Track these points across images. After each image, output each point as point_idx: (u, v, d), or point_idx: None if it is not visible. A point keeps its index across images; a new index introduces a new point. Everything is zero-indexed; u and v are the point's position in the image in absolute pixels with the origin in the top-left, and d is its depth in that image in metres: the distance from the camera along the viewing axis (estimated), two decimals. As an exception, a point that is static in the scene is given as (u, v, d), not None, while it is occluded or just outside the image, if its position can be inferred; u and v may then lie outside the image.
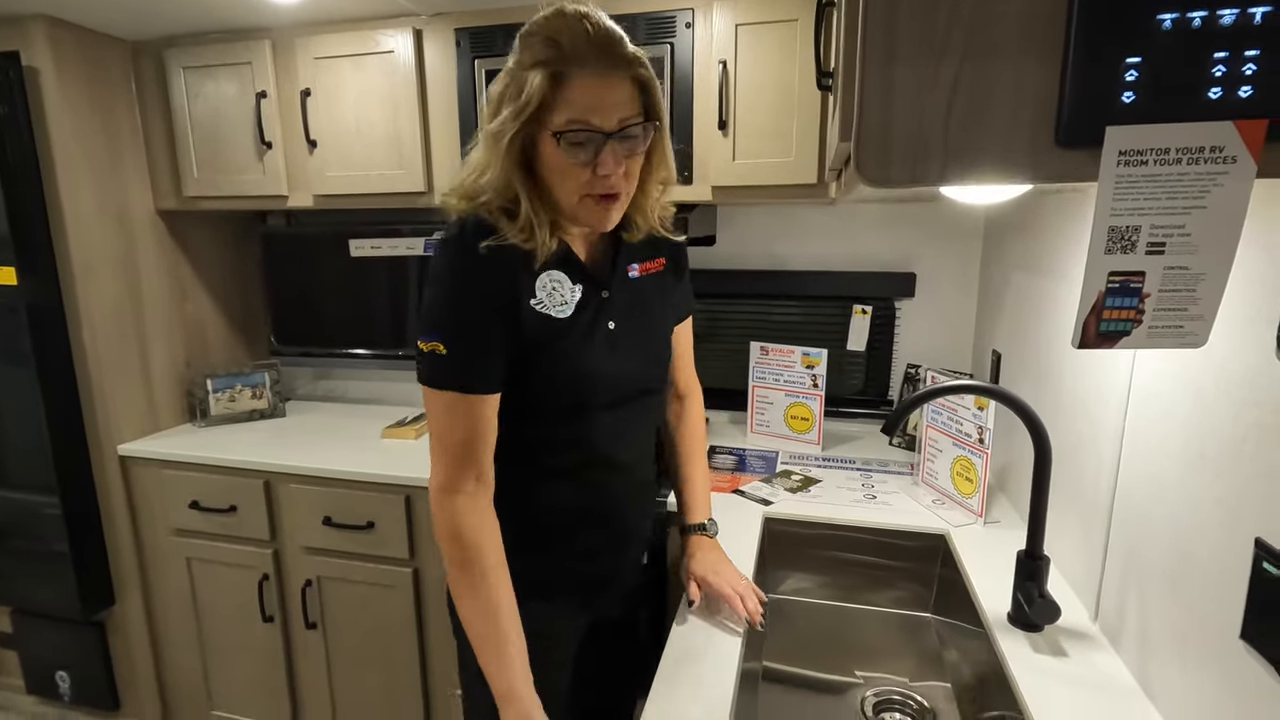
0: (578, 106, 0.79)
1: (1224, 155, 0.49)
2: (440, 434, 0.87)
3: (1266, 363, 0.64)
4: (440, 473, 0.88)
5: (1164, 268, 0.52)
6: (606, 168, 0.82)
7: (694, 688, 0.89)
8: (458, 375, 0.85)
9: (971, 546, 1.25)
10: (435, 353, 0.85)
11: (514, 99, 0.80)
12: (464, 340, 0.85)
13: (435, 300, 0.86)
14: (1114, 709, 0.84)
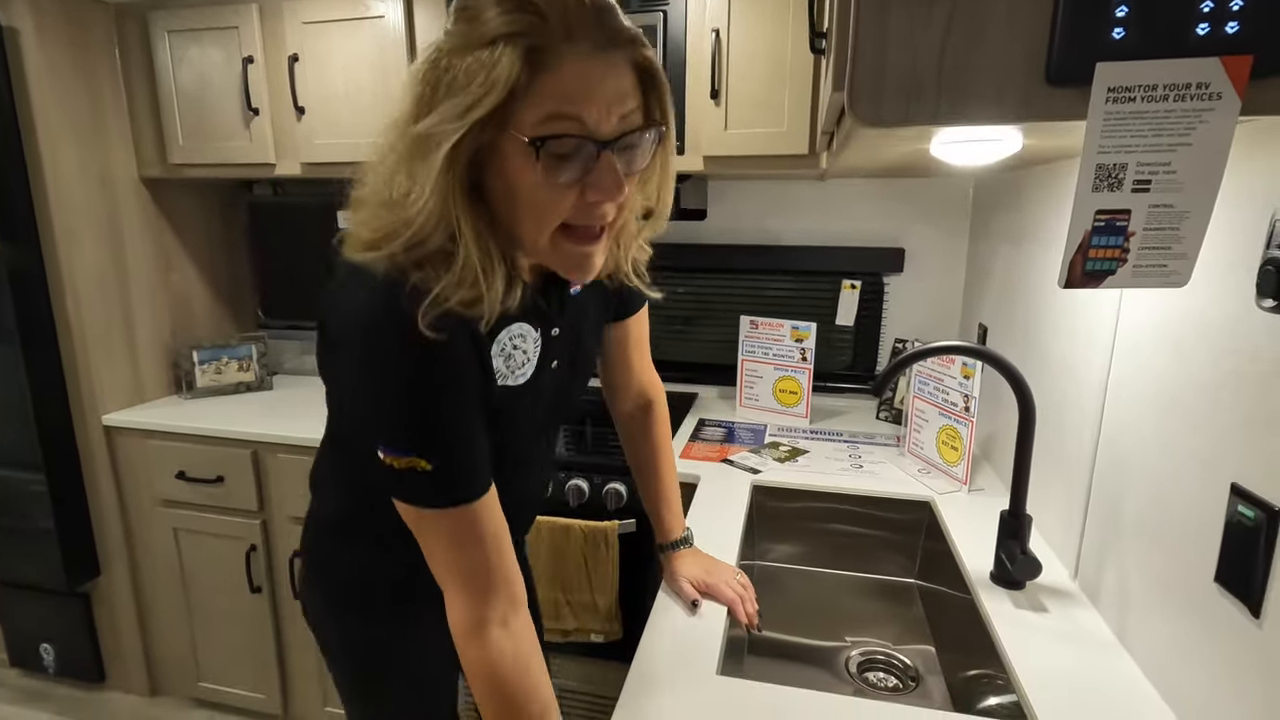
0: (564, 99, 0.57)
1: (1210, 92, 0.49)
2: (448, 562, 0.69)
3: (1245, 311, 0.66)
4: (461, 609, 0.69)
5: (1149, 206, 0.53)
6: (602, 190, 0.60)
7: (679, 655, 0.90)
8: (450, 489, 0.66)
9: (956, 512, 1.27)
10: (415, 470, 0.65)
11: (461, 87, 0.56)
12: (449, 449, 0.65)
13: (386, 402, 0.64)
14: (1091, 660, 0.86)
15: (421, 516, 0.67)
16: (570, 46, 0.57)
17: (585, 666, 1.62)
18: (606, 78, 0.58)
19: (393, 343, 0.62)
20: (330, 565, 0.90)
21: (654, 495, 1.09)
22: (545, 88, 0.57)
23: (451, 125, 0.57)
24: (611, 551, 1.48)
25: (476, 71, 0.56)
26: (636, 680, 0.82)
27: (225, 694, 1.93)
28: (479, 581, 0.69)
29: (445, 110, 0.57)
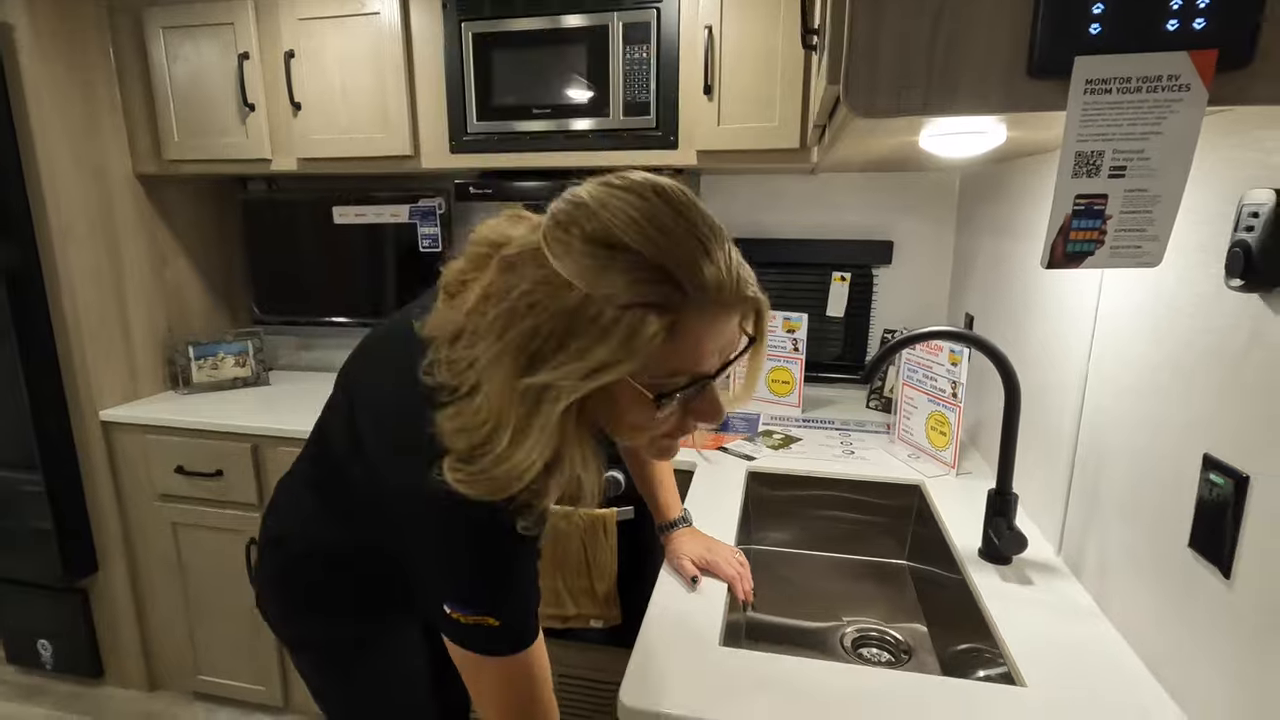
0: (689, 361, 0.58)
1: (1179, 83, 0.53)
2: (500, 702, 0.70)
3: (1215, 291, 0.70)
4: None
5: (1125, 190, 0.57)
6: (705, 417, 0.64)
7: (682, 629, 0.93)
8: (516, 638, 0.68)
9: (945, 494, 1.31)
10: (484, 627, 0.66)
11: (590, 345, 0.54)
12: (514, 603, 0.68)
13: (474, 579, 0.66)
14: (1074, 628, 0.90)
15: (482, 663, 0.68)
16: (704, 313, 0.56)
17: (585, 653, 1.65)
18: (727, 330, 0.60)
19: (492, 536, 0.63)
20: (298, 589, 0.91)
21: (648, 479, 1.13)
22: (675, 352, 0.56)
23: (573, 383, 0.54)
24: (610, 538, 1.51)
25: (608, 333, 0.53)
26: (642, 653, 0.85)
27: (225, 686, 1.95)
28: (528, 715, 0.71)
29: (568, 367, 0.54)
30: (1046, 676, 0.80)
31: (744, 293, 0.59)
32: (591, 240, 0.55)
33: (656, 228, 0.55)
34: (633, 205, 0.56)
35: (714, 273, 0.56)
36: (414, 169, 1.74)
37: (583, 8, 1.55)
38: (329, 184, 2.09)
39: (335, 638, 0.92)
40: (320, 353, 2.32)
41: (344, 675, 0.93)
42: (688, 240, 0.56)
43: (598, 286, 0.53)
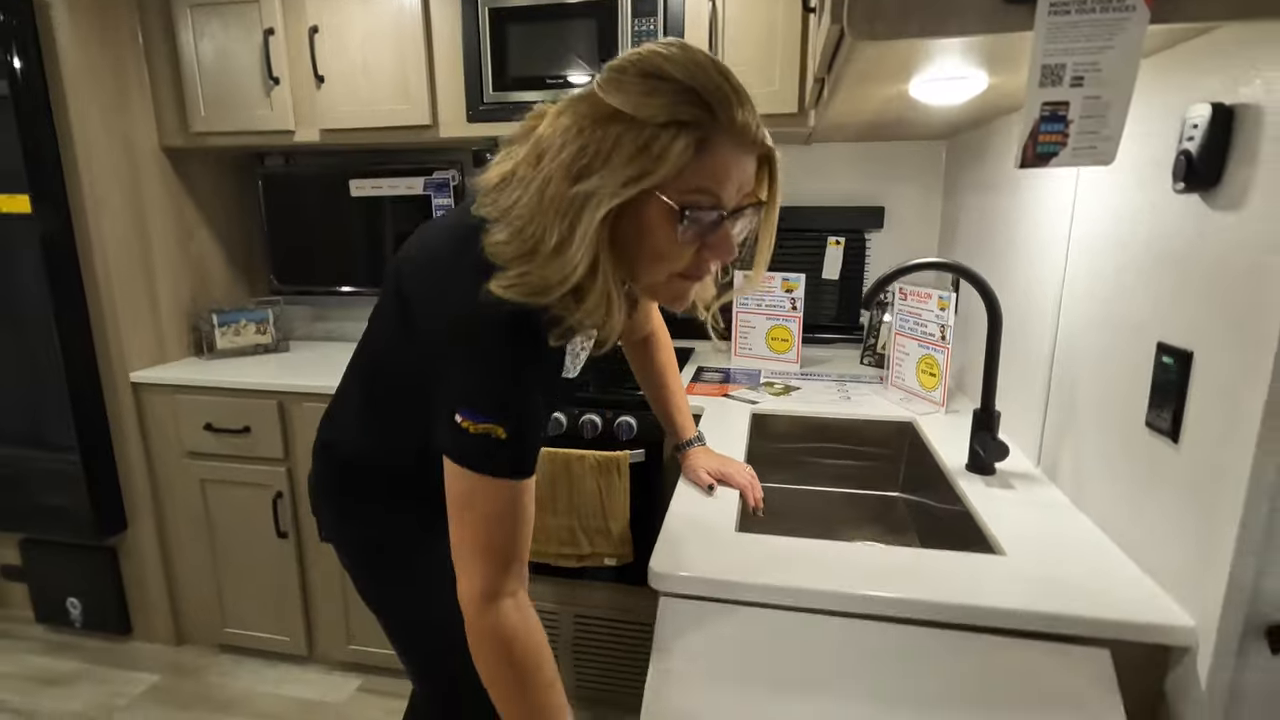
0: (712, 180, 0.68)
1: (1126, 4, 0.64)
2: (487, 531, 0.74)
3: (1165, 197, 0.81)
4: (480, 578, 0.74)
5: (1083, 97, 0.68)
6: (718, 251, 0.72)
7: (701, 523, 1.04)
8: (515, 462, 0.73)
9: (935, 428, 1.43)
10: (491, 436, 0.71)
11: (629, 158, 0.65)
12: (525, 424, 0.73)
13: (493, 379, 0.72)
14: (1048, 516, 1.01)
15: (476, 484, 0.72)
16: (728, 139, 0.68)
17: (600, 591, 1.75)
18: (745, 167, 0.71)
19: (520, 340, 0.70)
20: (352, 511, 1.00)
21: (665, 404, 1.24)
22: (701, 169, 0.67)
23: (613, 189, 0.65)
24: (623, 479, 1.62)
25: (648, 146, 0.64)
26: (667, 542, 0.95)
27: (251, 638, 2.03)
28: (504, 555, 0.74)
29: (609, 176, 0.65)
30: (1023, 550, 0.92)
31: (764, 140, 0.72)
32: (642, 73, 0.67)
33: (698, 66, 0.67)
34: (681, 50, 0.68)
35: (742, 115, 0.68)
36: (433, 139, 1.84)
37: (594, -17, 1.65)
38: (345, 158, 2.18)
39: (379, 538, 1.00)
40: (335, 323, 2.41)
41: (386, 576, 1.01)
42: (723, 84, 0.68)
43: (642, 110, 0.65)
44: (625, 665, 1.76)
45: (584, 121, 0.67)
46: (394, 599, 1.02)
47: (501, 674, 0.75)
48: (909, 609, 0.80)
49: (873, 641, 0.81)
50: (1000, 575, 0.85)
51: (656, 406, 1.26)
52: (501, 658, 0.74)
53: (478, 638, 0.75)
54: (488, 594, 0.74)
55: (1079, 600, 0.79)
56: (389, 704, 1.87)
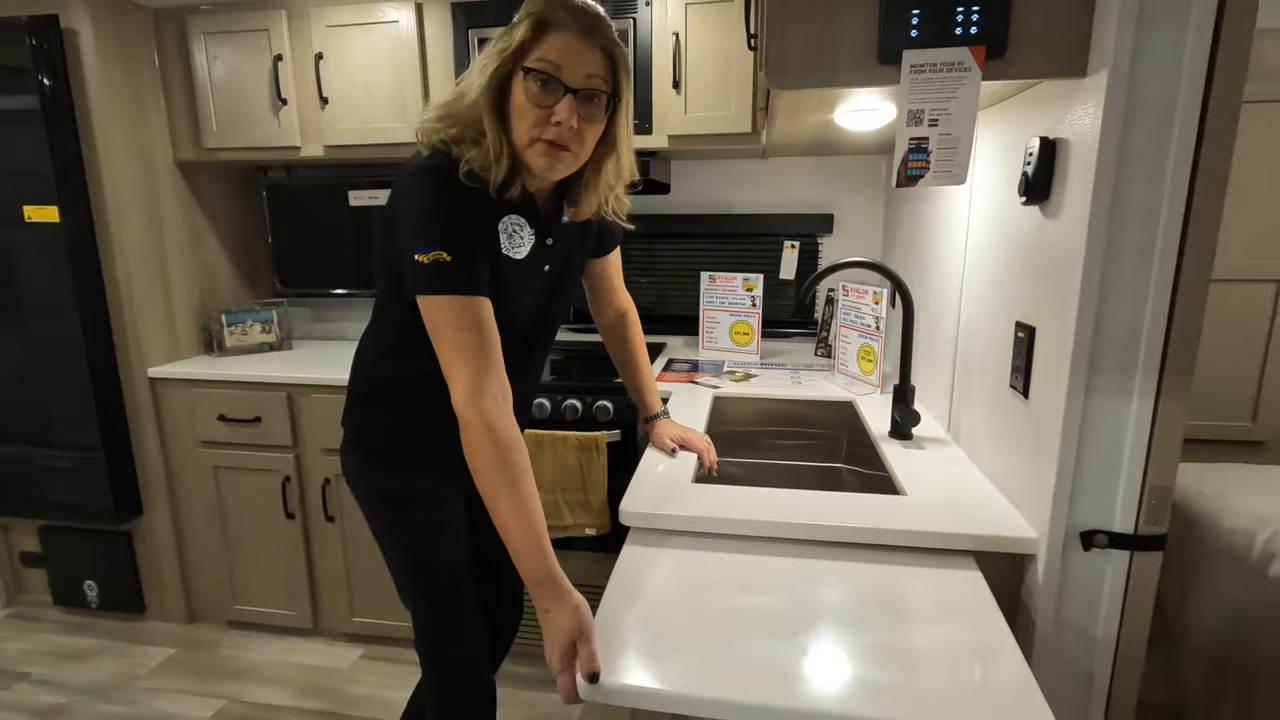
0: (551, 54, 0.90)
1: (964, 67, 0.87)
2: (457, 342, 0.91)
3: (1017, 209, 1.04)
4: (466, 378, 0.90)
5: (939, 134, 0.90)
6: (560, 115, 0.91)
7: (665, 477, 1.25)
8: (465, 281, 0.91)
9: (870, 406, 1.65)
10: (439, 261, 0.89)
11: (498, 40, 0.93)
12: (464, 247, 0.91)
13: (428, 214, 0.91)
14: (945, 467, 1.24)
15: (440, 304, 0.90)
16: (562, 28, 0.90)
17: (581, 562, 1.95)
18: (582, 51, 0.91)
19: (437, 177, 0.93)
20: (366, 427, 1.15)
21: (636, 381, 1.45)
22: (542, 46, 0.90)
23: (493, 59, 0.92)
24: (601, 457, 1.82)
25: (510, 31, 0.92)
26: (635, 490, 1.16)
27: (259, 614, 2.20)
28: (480, 360, 0.91)
29: (492, 50, 0.93)
30: (920, 491, 1.14)
31: (600, 32, 0.93)
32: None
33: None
34: None
35: (575, 11, 0.91)
36: (427, 154, 2.03)
37: (571, 18, 1.86)
38: (342, 170, 2.37)
39: (397, 490, 1.16)
40: (334, 324, 2.59)
41: (403, 525, 1.17)
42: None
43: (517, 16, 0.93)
44: (605, 626, 1.96)
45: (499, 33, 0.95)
46: (396, 542, 1.18)
47: (488, 459, 0.89)
48: (824, 533, 1.02)
49: (791, 568, 1.02)
50: (897, 508, 1.07)
51: (631, 383, 1.46)
52: (487, 442, 0.89)
53: (466, 427, 0.90)
54: (473, 391, 0.90)
55: (954, 522, 1.01)
56: (388, 668, 2.05)
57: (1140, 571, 0.92)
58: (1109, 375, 0.88)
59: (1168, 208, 0.82)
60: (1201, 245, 0.83)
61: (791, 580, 0.95)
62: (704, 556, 1.03)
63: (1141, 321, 0.86)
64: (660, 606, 0.89)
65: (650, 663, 0.78)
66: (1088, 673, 0.96)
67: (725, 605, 0.89)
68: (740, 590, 0.93)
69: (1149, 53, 0.79)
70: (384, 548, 1.21)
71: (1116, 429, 0.89)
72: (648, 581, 0.95)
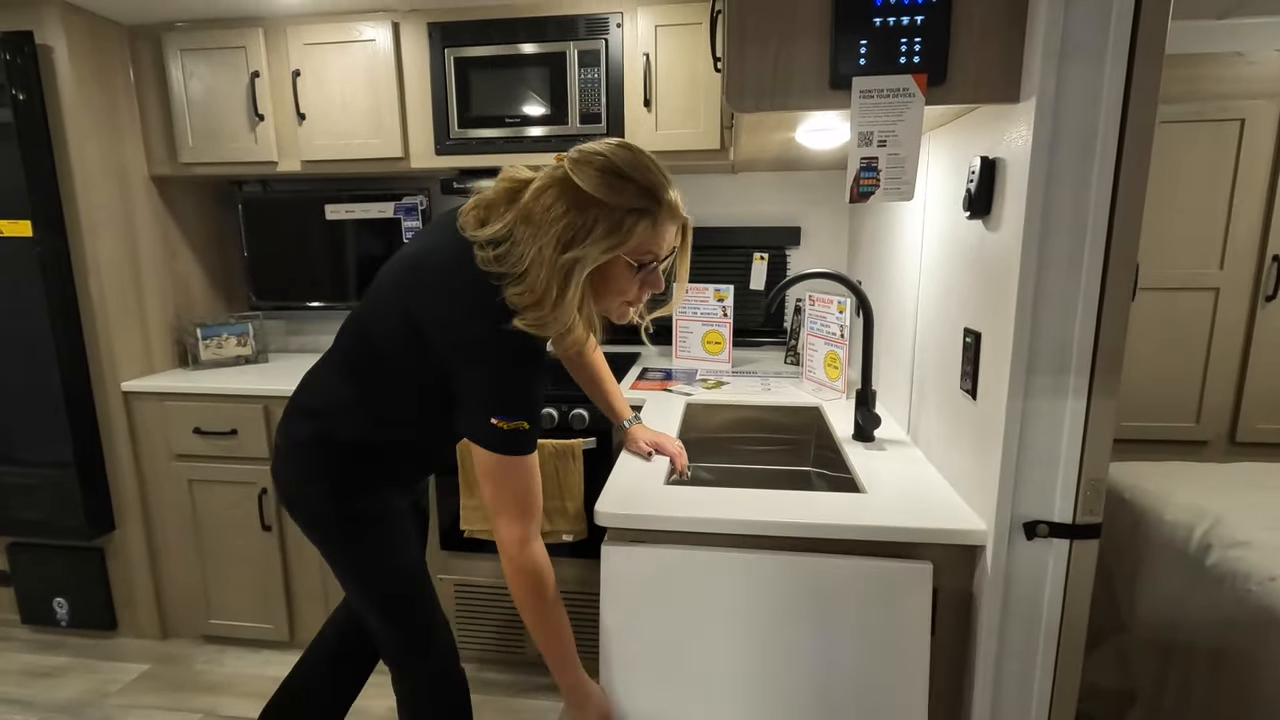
0: (655, 246, 1.01)
1: (909, 92, 0.94)
2: (521, 495, 1.04)
3: (963, 222, 1.12)
4: (520, 530, 1.04)
5: (888, 154, 0.97)
6: (654, 285, 1.05)
7: (638, 480, 1.30)
8: (533, 442, 1.04)
9: (836, 411, 1.72)
10: (520, 430, 1.00)
11: (607, 232, 0.95)
12: (538, 417, 1.05)
13: (520, 391, 1.02)
14: (903, 466, 1.30)
15: (510, 463, 1.02)
16: (666, 217, 1.01)
17: (560, 567, 1.97)
18: (674, 231, 1.05)
19: (530, 351, 1.01)
20: (340, 468, 1.16)
21: (604, 395, 1.51)
22: (650, 238, 1.00)
23: (595, 256, 0.96)
24: (577, 463, 1.86)
25: (619, 225, 0.96)
26: (611, 492, 1.21)
27: (234, 628, 2.19)
28: (532, 508, 1.05)
29: (592, 246, 0.95)
30: (879, 490, 1.20)
31: (683, 212, 1.06)
32: (605, 170, 0.96)
33: (646, 169, 0.99)
34: (631, 154, 0.99)
35: (671, 196, 1.01)
36: (404, 169, 2.08)
37: (545, 38, 1.93)
38: (318, 184, 2.40)
39: (368, 511, 1.19)
40: (309, 336, 2.61)
41: (377, 541, 1.20)
42: (659, 176, 1.00)
43: (612, 199, 0.95)
44: (581, 627, 1.99)
45: (567, 202, 0.96)
46: (367, 558, 1.21)
47: (534, 598, 1.07)
48: (784, 529, 1.07)
49: (754, 567, 1.07)
50: (857, 505, 1.13)
51: (599, 399, 1.52)
52: (535, 586, 1.06)
53: (517, 572, 1.05)
54: (524, 539, 1.04)
55: (910, 517, 1.07)
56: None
57: (1079, 559, 0.99)
58: (1045, 376, 0.95)
59: (1093, 219, 0.90)
60: (1124, 253, 0.90)
61: (757, 578, 1.01)
62: (676, 555, 1.07)
63: (1073, 326, 0.93)
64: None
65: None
66: (1034, 655, 1.03)
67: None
68: (703, 603, 0.98)
69: (1072, 82, 0.87)
70: (353, 567, 1.22)
71: (1053, 426, 0.96)
72: (632, 583, 1.00)
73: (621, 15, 1.90)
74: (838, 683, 1.08)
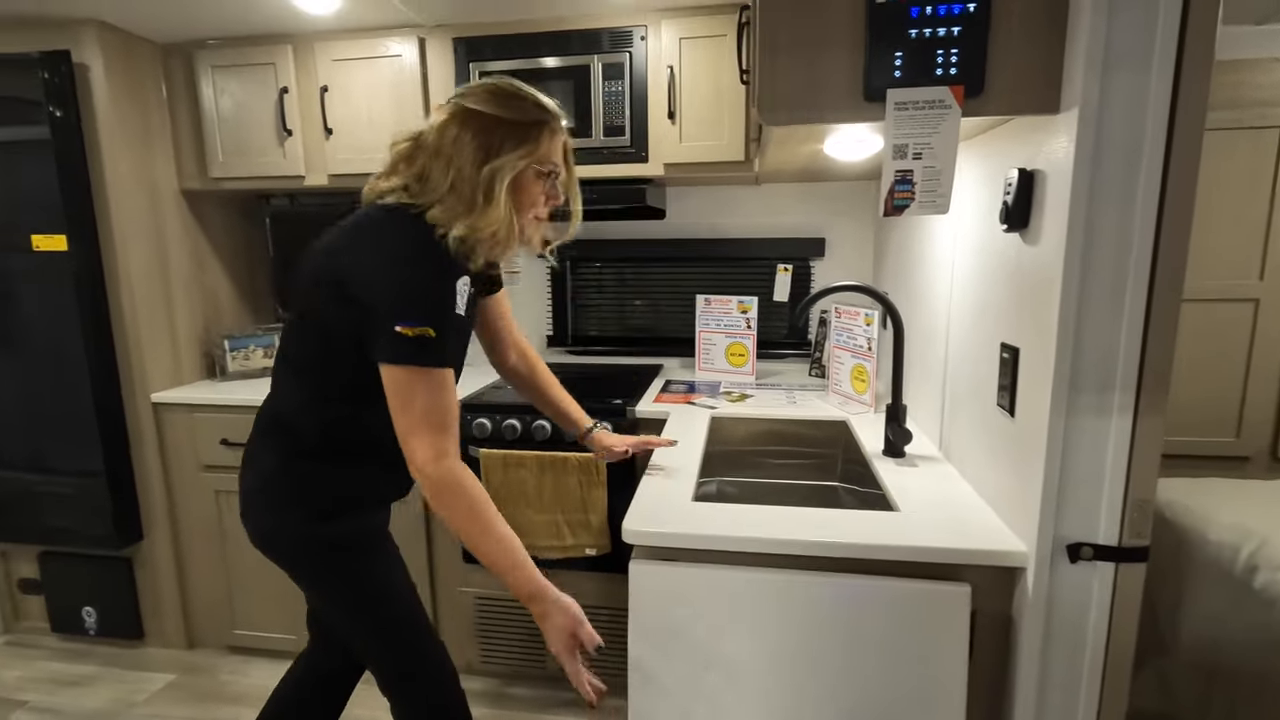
0: (553, 152, 1.10)
1: (945, 104, 0.92)
2: (429, 410, 1.00)
3: (998, 235, 1.09)
4: (431, 445, 1.00)
5: (923, 166, 0.95)
6: (556, 196, 1.13)
7: (663, 497, 1.28)
8: (440, 355, 1.00)
9: (864, 425, 1.69)
10: (425, 337, 0.98)
11: (518, 143, 1.04)
12: (447, 324, 1.01)
13: (420, 288, 0.99)
14: (937, 483, 1.27)
15: (416, 376, 1.00)
16: (558, 129, 1.10)
17: (582, 580, 1.97)
18: (562, 145, 1.13)
19: (439, 259, 1.02)
20: (313, 483, 1.14)
21: (560, 406, 1.49)
22: (552, 148, 1.09)
23: (512, 163, 1.04)
24: (601, 477, 1.85)
25: (527, 135, 1.05)
26: (637, 511, 1.19)
27: (259, 638, 2.20)
28: (444, 424, 1.02)
29: (508, 155, 1.04)
30: (914, 508, 1.17)
31: (566, 127, 1.14)
32: (498, 94, 1.07)
33: (524, 88, 1.09)
34: (505, 80, 1.10)
35: (556, 110, 1.11)
36: (429, 182, 2.08)
37: (569, 51, 1.93)
38: (343, 198, 2.42)
39: (349, 532, 1.16)
40: (334, 348, 2.62)
41: (364, 567, 1.18)
42: (547, 100, 1.10)
43: (514, 114, 1.06)
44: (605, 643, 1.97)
45: (472, 128, 1.04)
46: (355, 582, 1.19)
47: (463, 511, 1.02)
48: (817, 549, 1.05)
49: (788, 587, 1.05)
50: (890, 524, 1.10)
51: (551, 410, 1.49)
52: (460, 497, 1.01)
53: (437, 490, 1.01)
54: (438, 455, 1.00)
55: (947, 537, 1.04)
56: (390, 691, 2.05)
57: (1125, 582, 0.96)
58: (1089, 394, 0.92)
59: (1139, 234, 0.87)
60: (1172, 269, 0.88)
61: (788, 598, 0.98)
62: (706, 573, 1.06)
63: (1118, 342, 0.90)
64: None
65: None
66: (1078, 682, 0.99)
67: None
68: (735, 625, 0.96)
69: (1116, 92, 0.85)
70: (341, 594, 1.20)
71: (1098, 444, 0.93)
72: (660, 604, 0.98)
73: (645, 28, 1.90)
74: (871, 708, 1.05)
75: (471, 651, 2.07)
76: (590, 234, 2.41)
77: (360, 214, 1.09)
